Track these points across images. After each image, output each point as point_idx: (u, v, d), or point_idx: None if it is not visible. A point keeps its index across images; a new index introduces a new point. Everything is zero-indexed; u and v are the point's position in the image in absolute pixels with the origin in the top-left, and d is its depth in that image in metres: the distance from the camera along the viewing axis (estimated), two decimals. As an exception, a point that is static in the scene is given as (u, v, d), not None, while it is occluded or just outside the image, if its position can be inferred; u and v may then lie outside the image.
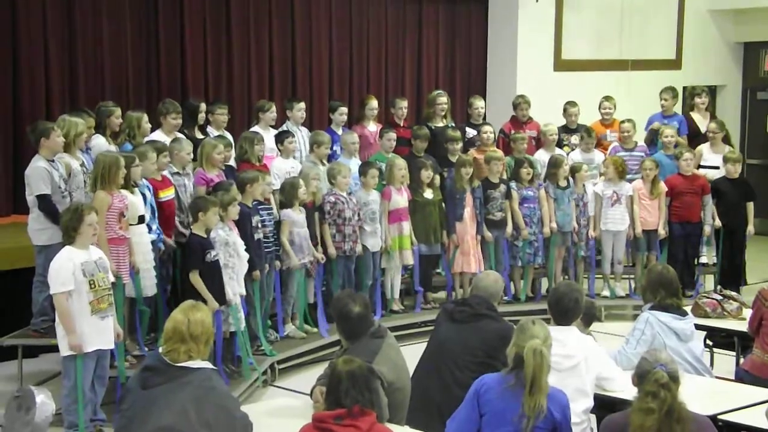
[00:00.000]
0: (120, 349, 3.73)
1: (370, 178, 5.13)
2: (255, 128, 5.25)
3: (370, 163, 5.29)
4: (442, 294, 5.64)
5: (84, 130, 4.16)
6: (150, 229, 4.10)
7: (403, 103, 5.97)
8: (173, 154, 4.39)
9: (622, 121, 6.14)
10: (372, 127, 5.85)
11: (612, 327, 5.01)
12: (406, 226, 5.28)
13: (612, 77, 7.30)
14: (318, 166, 5.10)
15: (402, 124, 5.96)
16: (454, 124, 6.08)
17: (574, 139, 6.19)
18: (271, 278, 4.61)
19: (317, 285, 4.89)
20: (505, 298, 5.43)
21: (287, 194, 4.69)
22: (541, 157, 5.96)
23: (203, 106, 5.08)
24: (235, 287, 4.11)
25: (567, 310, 2.94)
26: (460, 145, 5.69)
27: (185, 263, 3.94)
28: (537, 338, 2.48)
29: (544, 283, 5.79)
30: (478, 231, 5.48)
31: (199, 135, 4.95)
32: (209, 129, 5.11)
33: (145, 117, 4.61)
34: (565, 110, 6.28)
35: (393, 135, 5.49)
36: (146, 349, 4.03)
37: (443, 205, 5.44)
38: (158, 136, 4.69)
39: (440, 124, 5.94)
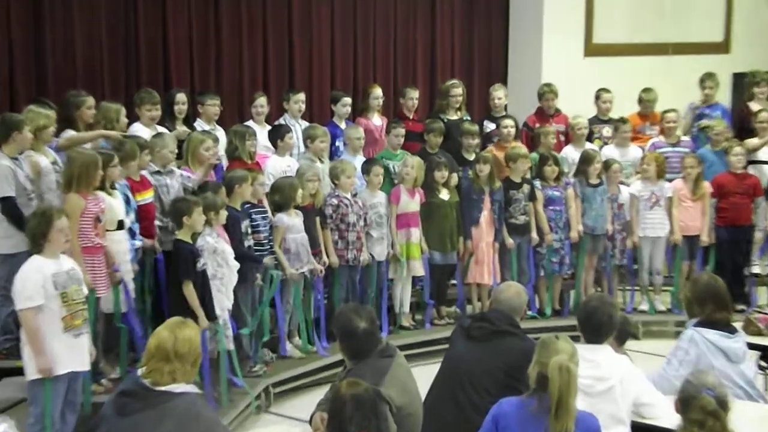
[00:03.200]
0: (91, 370, 3.71)
1: (374, 176, 5.12)
2: (249, 124, 5.27)
3: (374, 161, 5.28)
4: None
5: (49, 123, 4.11)
6: (134, 235, 4.10)
7: (414, 93, 5.96)
8: (153, 151, 4.37)
9: (666, 111, 6.09)
10: (377, 120, 5.85)
11: (651, 346, 4.97)
12: (415, 232, 5.27)
13: (650, 63, 7.26)
14: (316, 164, 5.09)
15: (412, 117, 5.96)
16: (470, 117, 6.08)
17: (606, 131, 6.17)
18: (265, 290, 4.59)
19: (319, 298, 4.89)
20: (529, 312, 5.42)
21: (284, 195, 4.67)
22: (570, 153, 5.94)
23: (180, 96, 5.05)
24: (223, 301, 4.10)
25: (599, 326, 2.92)
26: (477, 140, 5.69)
27: (176, 273, 3.91)
28: (563, 354, 2.47)
29: (573, 296, 5.76)
30: (497, 237, 5.46)
31: (180, 128, 4.93)
32: (198, 123, 5.12)
33: (124, 110, 4.60)
34: (597, 97, 6.24)
35: (401, 131, 5.49)
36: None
37: (461, 208, 5.44)
38: (139, 130, 4.69)
39: (454, 117, 5.95)
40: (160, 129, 4.78)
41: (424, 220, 5.32)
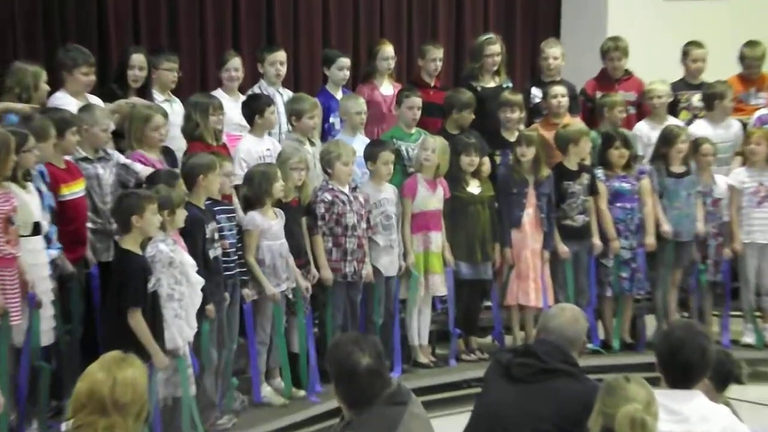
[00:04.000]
0: (1, 424, 3.68)
1: (381, 164, 5.09)
2: (217, 93, 5.26)
3: (380, 143, 5.26)
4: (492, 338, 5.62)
5: None
6: (49, 243, 4.07)
7: (438, 53, 5.94)
8: (82, 129, 4.33)
9: None
10: (386, 88, 5.84)
11: (759, 392, 4.92)
12: (436, 238, 5.24)
13: (756, 6, 7.16)
14: (304, 147, 5.08)
15: (434, 84, 5.94)
16: (511, 84, 6.05)
17: (697, 100, 6.10)
18: (234, 315, 4.59)
19: (307, 326, 4.87)
20: (590, 345, 5.37)
21: (256, 188, 4.64)
22: (645, 131, 5.90)
23: (138, 58, 5.04)
24: (183, 329, 4.09)
25: (688, 365, 2.87)
26: (518, 113, 5.66)
27: (119, 296, 3.90)
28: (635, 402, 2.42)
29: (651, 324, 5.71)
30: (546, 245, 5.42)
31: (124, 101, 4.88)
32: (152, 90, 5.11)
33: (44, 74, 4.59)
34: (685, 54, 6.18)
35: (418, 101, 5.47)
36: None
37: (496, 204, 5.42)
38: (64, 99, 4.67)
39: (491, 84, 5.93)
40: (93, 99, 4.76)
41: (447, 221, 5.29)
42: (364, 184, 5.17)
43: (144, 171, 4.46)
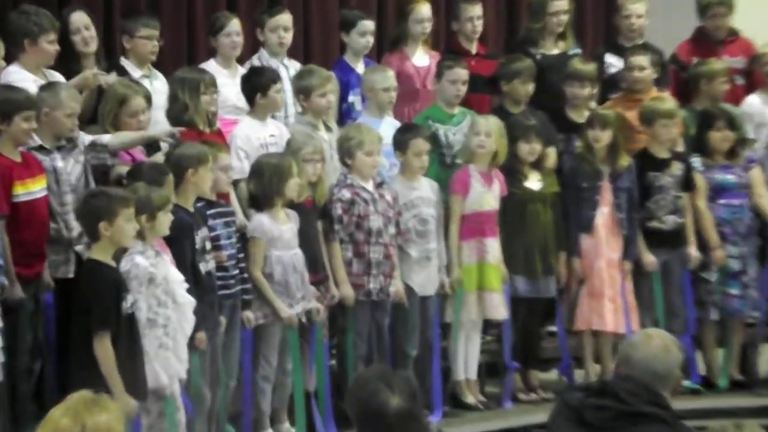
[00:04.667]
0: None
1: (412, 155, 5.10)
2: (209, 65, 5.29)
3: (414, 128, 5.27)
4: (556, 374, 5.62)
5: None
6: None
7: (475, 10, 5.92)
8: (41, 113, 4.35)
9: None
10: (420, 58, 5.86)
11: None
12: (494, 246, 5.25)
13: None
14: (318, 134, 5.11)
15: (476, 51, 5.93)
16: (580, 51, 6.07)
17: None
18: (233, 344, 4.62)
19: (324, 357, 4.90)
20: (686, 383, 5.37)
21: (266, 185, 4.67)
22: (755, 107, 5.88)
23: (80, 18, 5.04)
24: (170, 363, 4.12)
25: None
26: (590, 89, 5.65)
27: (86, 319, 3.93)
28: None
29: None
30: (627, 254, 5.42)
31: (89, 71, 4.91)
32: (125, 65, 5.17)
33: (1, 46, 4.63)
34: None
35: (463, 73, 5.47)
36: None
37: (563, 203, 5.41)
38: (19, 74, 4.69)
39: (554, 51, 5.95)
40: (54, 76, 4.80)
41: (500, 225, 5.29)
42: (392, 179, 5.19)
43: (113, 140, 4.48)
